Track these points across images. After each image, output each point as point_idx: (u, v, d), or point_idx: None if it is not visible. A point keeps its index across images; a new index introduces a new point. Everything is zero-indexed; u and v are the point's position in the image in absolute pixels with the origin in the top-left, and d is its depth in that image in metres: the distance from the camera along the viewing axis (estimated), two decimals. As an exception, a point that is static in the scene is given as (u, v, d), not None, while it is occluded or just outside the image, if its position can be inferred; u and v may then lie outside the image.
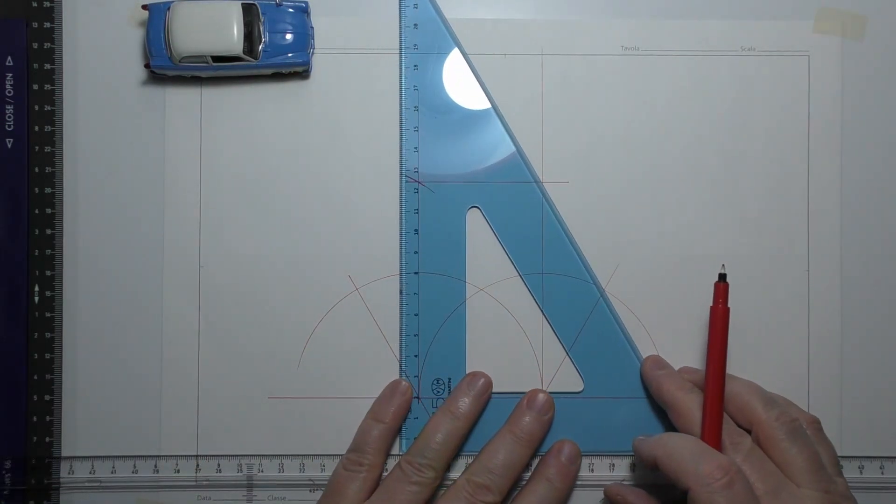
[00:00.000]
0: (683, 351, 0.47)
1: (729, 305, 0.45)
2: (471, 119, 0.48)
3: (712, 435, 0.42)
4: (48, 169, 0.47)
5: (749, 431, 0.43)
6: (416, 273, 0.47)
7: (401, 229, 0.47)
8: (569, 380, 0.47)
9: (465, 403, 0.45)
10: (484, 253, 0.47)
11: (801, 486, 0.40)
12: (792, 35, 0.48)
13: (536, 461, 0.46)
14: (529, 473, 0.46)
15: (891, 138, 0.48)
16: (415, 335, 0.47)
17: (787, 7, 0.48)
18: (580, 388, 0.47)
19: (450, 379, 0.47)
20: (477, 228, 0.47)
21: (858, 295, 0.48)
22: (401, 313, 0.47)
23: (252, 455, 0.47)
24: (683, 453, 0.41)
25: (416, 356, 0.47)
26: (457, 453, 0.45)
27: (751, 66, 0.48)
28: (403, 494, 0.43)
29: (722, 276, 0.44)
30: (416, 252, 0.47)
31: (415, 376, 0.47)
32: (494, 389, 0.47)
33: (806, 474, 0.41)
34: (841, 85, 0.48)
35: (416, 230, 0.47)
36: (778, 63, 0.48)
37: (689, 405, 0.44)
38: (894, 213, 0.48)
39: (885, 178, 0.48)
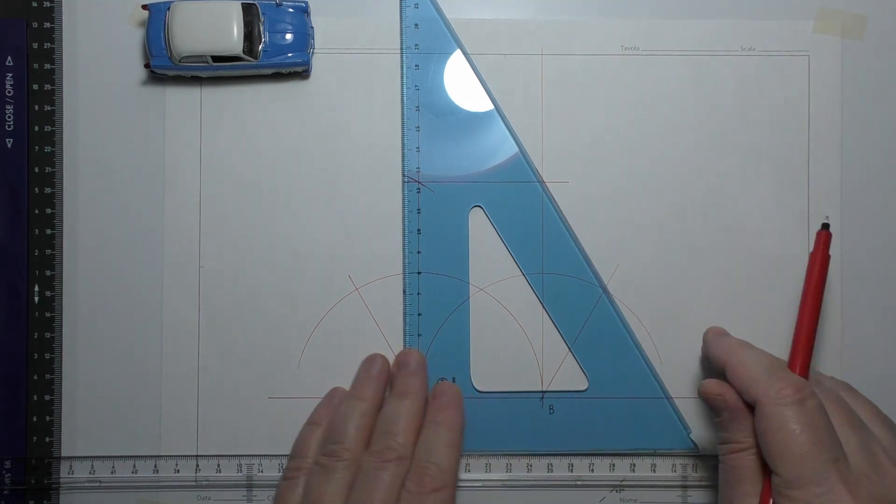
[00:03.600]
0: (684, 350, 0.47)
1: (728, 305, 0.45)
2: (472, 119, 0.48)
3: (801, 364, 0.41)
4: (48, 169, 0.47)
5: None
6: (417, 273, 0.47)
7: (403, 229, 0.47)
8: (570, 379, 0.47)
9: (368, 385, 0.45)
10: (485, 253, 0.47)
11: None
12: (792, 35, 0.48)
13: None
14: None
15: (891, 138, 0.48)
16: (417, 335, 0.47)
17: (787, 7, 0.48)
18: (584, 387, 0.47)
19: (454, 378, 0.47)
20: (478, 228, 0.47)
21: (858, 295, 0.48)
22: (403, 313, 0.47)
23: (252, 455, 0.47)
24: (758, 366, 0.40)
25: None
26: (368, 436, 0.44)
27: (751, 66, 0.48)
28: (328, 484, 0.42)
29: (825, 226, 0.43)
30: (417, 252, 0.47)
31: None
32: (495, 388, 0.47)
33: (872, 422, 0.40)
34: (841, 85, 0.48)
35: (417, 230, 0.47)
36: (778, 63, 0.48)
37: (754, 358, 0.42)
38: (894, 213, 0.48)
39: (885, 178, 0.48)
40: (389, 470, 0.41)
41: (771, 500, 0.39)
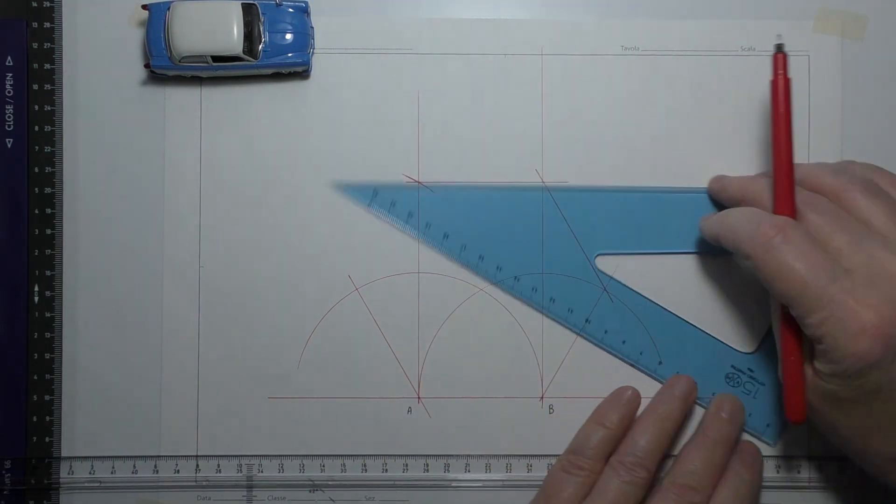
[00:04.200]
0: (684, 350, 0.47)
1: (728, 305, 0.45)
2: (472, 119, 0.48)
3: (785, 202, 0.41)
4: (48, 169, 0.47)
5: None
6: (416, 273, 0.47)
7: (402, 229, 0.47)
8: (570, 379, 0.47)
9: (670, 406, 0.45)
10: (485, 253, 0.47)
11: (885, 236, 0.40)
12: (792, 35, 0.48)
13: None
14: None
15: (891, 138, 0.48)
16: (415, 335, 0.47)
17: (787, 7, 0.48)
18: (584, 388, 0.47)
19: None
20: (477, 228, 0.47)
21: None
22: (401, 313, 0.47)
23: (252, 455, 0.47)
24: (741, 223, 0.41)
25: (415, 356, 0.47)
26: (664, 456, 0.45)
27: (751, 66, 0.48)
28: (616, 493, 0.42)
29: (779, 47, 0.43)
30: (416, 252, 0.47)
31: (415, 376, 0.47)
32: (495, 388, 0.47)
33: (889, 225, 0.40)
34: (841, 85, 0.48)
35: (416, 230, 0.47)
36: (778, 63, 0.48)
37: (758, 188, 0.43)
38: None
39: (885, 178, 0.48)
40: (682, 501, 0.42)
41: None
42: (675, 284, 0.47)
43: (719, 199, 0.46)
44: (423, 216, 0.47)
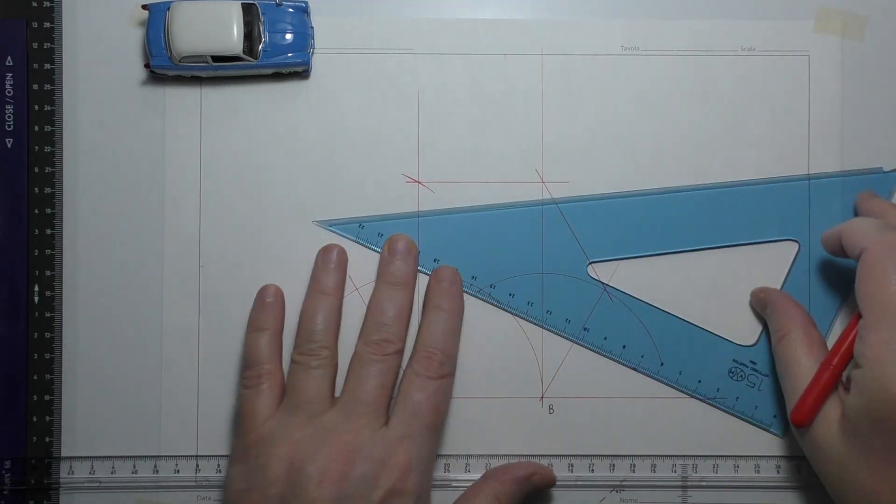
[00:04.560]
0: (684, 351, 0.47)
1: (728, 305, 0.45)
2: (472, 119, 0.48)
3: None
4: (48, 169, 0.47)
5: None
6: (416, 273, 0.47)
7: (401, 229, 0.47)
8: (570, 379, 0.47)
9: (329, 279, 0.46)
10: (484, 252, 0.47)
11: None
12: (792, 35, 0.48)
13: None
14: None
15: (891, 138, 0.48)
16: (415, 335, 0.47)
17: (787, 7, 0.48)
18: (584, 388, 0.47)
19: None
20: (477, 228, 0.47)
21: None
22: (421, 314, 0.47)
23: (252, 455, 0.47)
24: (870, 225, 0.42)
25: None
26: (337, 327, 0.45)
27: (751, 66, 0.48)
28: (310, 382, 0.43)
29: None
30: (417, 252, 0.47)
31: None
32: (495, 388, 0.47)
33: None
34: (841, 85, 0.48)
35: (416, 230, 0.47)
36: (778, 63, 0.48)
37: (885, 206, 0.44)
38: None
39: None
40: (387, 363, 0.43)
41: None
42: (670, 285, 0.47)
43: (862, 208, 0.46)
44: (423, 216, 0.47)
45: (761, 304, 0.46)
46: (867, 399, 0.38)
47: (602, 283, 0.47)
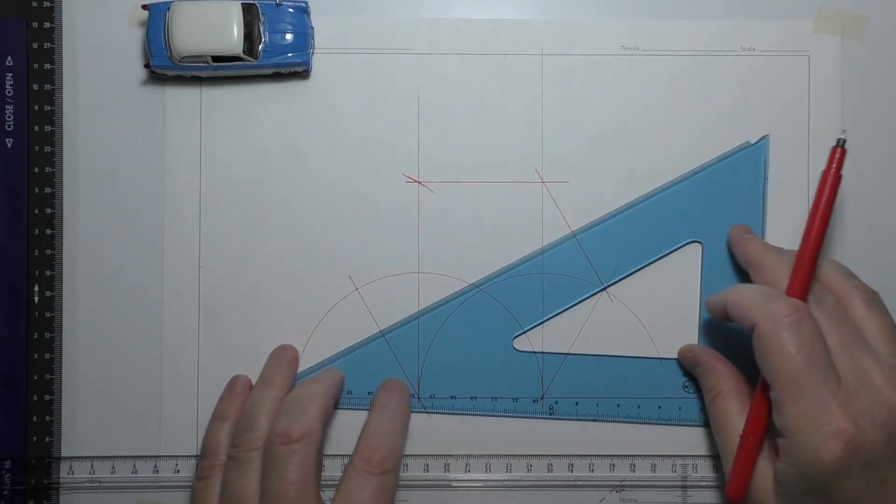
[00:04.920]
0: (683, 351, 0.47)
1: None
2: (472, 119, 0.48)
3: (800, 287, 0.41)
4: (48, 169, 0.47)
5: None
6: (416, 273, 0.47)
7: (401, 229, 0.47)
8: (570, 379, 0.47)
9: (277, 373, 0.45)
10: (484, 253, 0.47)
11: (876, 350, 0.40)
12: (792, 35, 0.48)
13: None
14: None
15: (891, 138, 0.48)
16: (415, 335, 0.47)
17: (787, 7, 0.48)
18: (584, 388, 0.47)
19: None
20: (477, 228, 0.47)
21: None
22: (401, 313, 0.47)
23: (252, 455, 0.47)
24: (755, 295, 0.41)
25: (415, 356, 0.47)
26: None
27: (751, 66, 0.48)
28: (242, 480, 0.41)
29: (840, 141, 0.43)
30: (416, 252, 0.47)
31: (415, 376, 0.47)
32: (495, 388, 0.47)
33: (880, 340, 0.41)
34: (841, 85, 0.48)
35: (416, 230, 0.47)
36: (778, 63, 0.48)
37: (776, 264, 0.43)
38: (894, 214, 0.48)
39: (886, 178, 0.48)
40: (297, 453, 0.40)
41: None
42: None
43: (737, 250, 0.46)
44: (423, 216, 0.47)
45: (691, 363, 0.46)
46: (798, 468, 0.39)
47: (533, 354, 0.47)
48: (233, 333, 0.47)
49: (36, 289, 0.47)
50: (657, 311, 0.47)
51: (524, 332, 0.47)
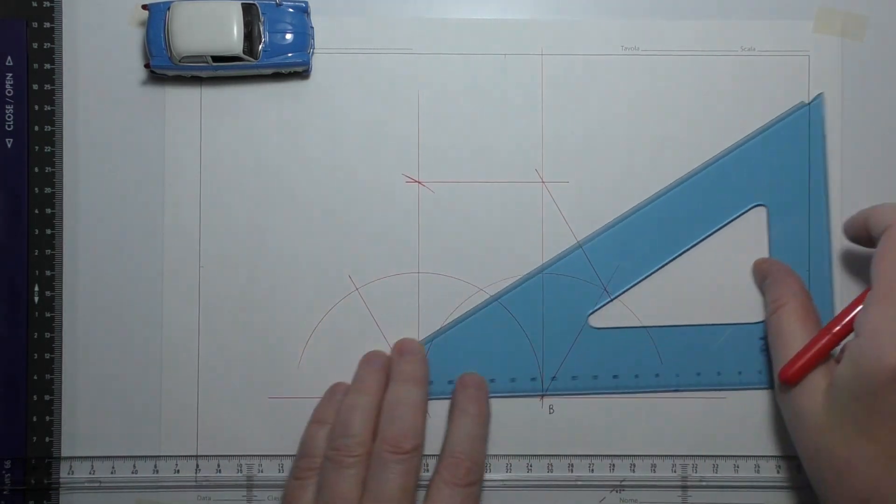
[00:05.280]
0: (684, 350, 0.47)
1: (724, 304, 0.45)
2: (472, 119, 0.48)
3: None
4: (48, 169, 0.47)
5: None
6: (416, 273, 0.47)
7: (401, 229, 0.47)
8: (570, 379, 0.47)
9: (371, 379, 0.45)
10: (484, 252, 0.47)
11: None
12: (792, 35, 0.48)
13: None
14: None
15: (891, 138, 0.48)
16: (415, 335, 0.47)
17: (787, 7, 0.48)
18: (584, 387, 0.47)
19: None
20: (477, 228, 0.47)
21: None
22: (401, 313, 0.47)
23: (252, 455, 0.47)
24: (889, 208, 0.42)
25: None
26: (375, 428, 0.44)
27: (751, 66, 0.48)
28: (341, 483, 0.42)
29: None
30: (416, 252, 0.47)
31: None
32: (495, 388, 0.47)
33: None
34: (841, 85, 0.48)
35: (416, 230, 0.47)
36: (778, 63, 0.48)
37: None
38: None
39: (885, 178, 0.48)
40: (406, 462, 0.42)
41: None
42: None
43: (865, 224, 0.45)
44: (423, 215, 0.47)
45: (761, 276, 0.47)
46: (858, 368, 0.39)
47: (601, 329, 0.47)
48: (233, 333, 0.47)
49: (36, 289, 0.47)
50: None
51: (600, 308, 0.47)
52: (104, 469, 0.47)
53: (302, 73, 0.47)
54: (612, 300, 0.47)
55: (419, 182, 0.48)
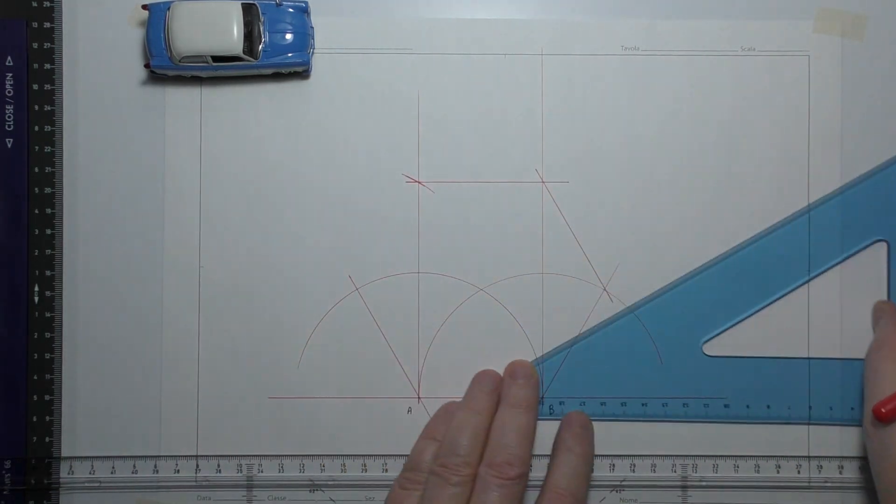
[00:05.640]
0: (684, 351, 0.47)
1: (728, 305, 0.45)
2: (472, 119, 0.48)
3: None
4: (48, 169, 0.47)
5: None
6: (416, 273, 0.47)
7: (401, 229, 0.47)
8: (570, 380, 0.47)
9: (483, 400, 0.45)
10: (484, 252, 0.47)
11: None
12: (792, 35, 0.48)
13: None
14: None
15: (891, 138, 0.48)
16: (415, 335, 0.47)
17: (787, 7, 0.48)
18: (584, 388, 0.47)
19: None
20: (477, 228, 0.47)
21: (858, 295, 0.48)
22: (401, 313, 0.47)
23: (252, 455, 0.47)
24: None
25: (415, 356, 0.47)
26: (483, 449, 0.44)
27: (751, 66, 0.48)
28: (446, 498, 0.43)
29: None
30: (416, 252, 0.47)
31: (415, 376, 0.47)
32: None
33: None
34: (841, 85, 0.48)
35: (416, 230, 0.47)
36: (778, 63, 0.48)
37: None
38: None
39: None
40: (510, 487, 0.43)
41: None
42: (676, 284, 0.47)
43: None
44: (423, 215, 0.47)
45: (875, 316, 0.47)
46: None
47: (719, 357, 0.47)
48: (233, 333, 0.47)
49: (36, 289, 0.47)
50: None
51: (715, 336, 0.47)
52: (104, 469, 0.47)
53: (302, 73, 0.47)
54: (726, 329, 0.47)
55: (419, 182, 0.48)
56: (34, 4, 0.47)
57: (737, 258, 0.47)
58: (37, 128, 0.47)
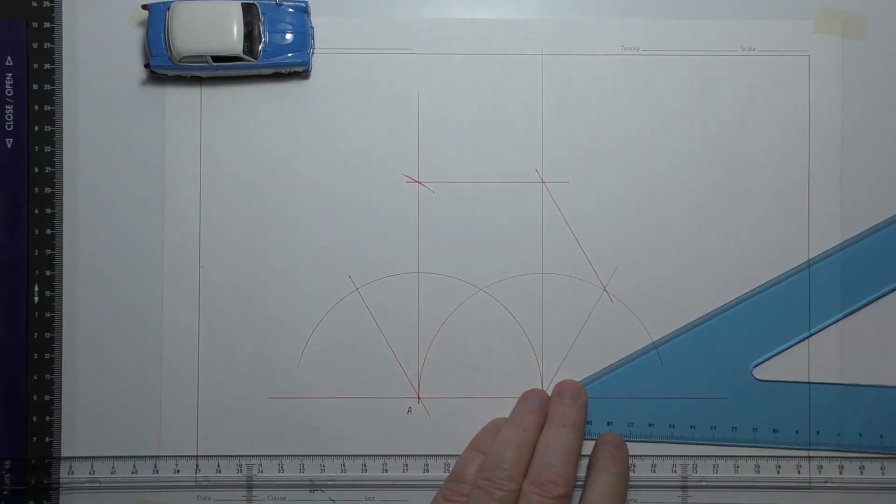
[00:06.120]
0: (684, 351, 0.47)
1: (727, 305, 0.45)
2: (472, 119, 0.48)
3: None
4: (48, 169, 0.47)
5: None
6: (416, 273, 0.47)
7: (401, 229, 0.47)
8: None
9: (530, 418, 0.46)
10: (484, 253, 0.47)
11: None
12: (792, 35, 0.48)
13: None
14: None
15: (891, 138, 0.48)
16: (415, 335, 0.47)
17: (787, 7, 0.48)
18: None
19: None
20: (477, 228, 0.47)
21: (859, 295, 0.48)
22: (401, 313, 0.47)
23: (252, 455, 0.47)
24: None
25: (415, 356, 0.47)
26: (527, 466, 0.44)
27: (751, 66, 0.48)
28: None
29: None
30: (416, 252, 0.47)
31: (415, 376, 0.47)
32: (495, 389, 0.47)
33: None
34: (841, 85, 0.48)
35: (416, 230, 0.47)
36: (778, 63, 0.48)
37: None
38: (894, 213, 0.48)
39: (885, 177, 0.48)
40: None
41: None
42: (676, 284, 0.47)
43: None
44: (423, 215, 0.47)
45: None
46: None
47: (768, 381, 0.47)
48: (233, 333, 0.47)
49: (36, 289, 0.47)
50: None
51: (766, 360, 0.47)
52: (104, 469, 0.47)
53: (302, 73, 0.47)
54: (779, 352, 0.47)
55: (419, 182, 0.48)
56: (34, 4, 0.47)
57: (786, 284, 0.47)
58: (37, 128, 0.47)
